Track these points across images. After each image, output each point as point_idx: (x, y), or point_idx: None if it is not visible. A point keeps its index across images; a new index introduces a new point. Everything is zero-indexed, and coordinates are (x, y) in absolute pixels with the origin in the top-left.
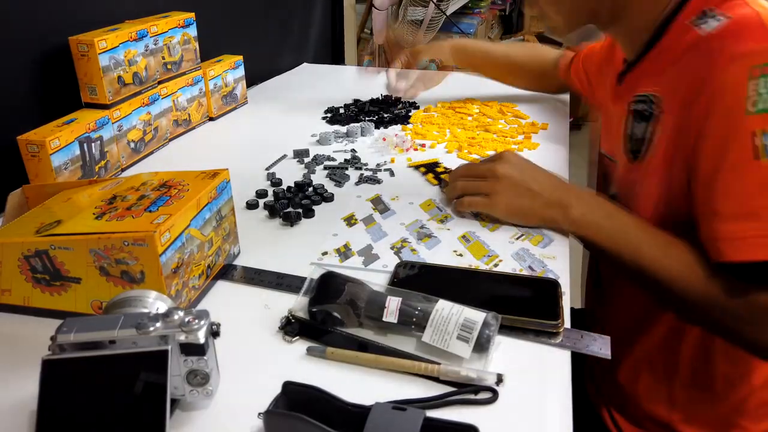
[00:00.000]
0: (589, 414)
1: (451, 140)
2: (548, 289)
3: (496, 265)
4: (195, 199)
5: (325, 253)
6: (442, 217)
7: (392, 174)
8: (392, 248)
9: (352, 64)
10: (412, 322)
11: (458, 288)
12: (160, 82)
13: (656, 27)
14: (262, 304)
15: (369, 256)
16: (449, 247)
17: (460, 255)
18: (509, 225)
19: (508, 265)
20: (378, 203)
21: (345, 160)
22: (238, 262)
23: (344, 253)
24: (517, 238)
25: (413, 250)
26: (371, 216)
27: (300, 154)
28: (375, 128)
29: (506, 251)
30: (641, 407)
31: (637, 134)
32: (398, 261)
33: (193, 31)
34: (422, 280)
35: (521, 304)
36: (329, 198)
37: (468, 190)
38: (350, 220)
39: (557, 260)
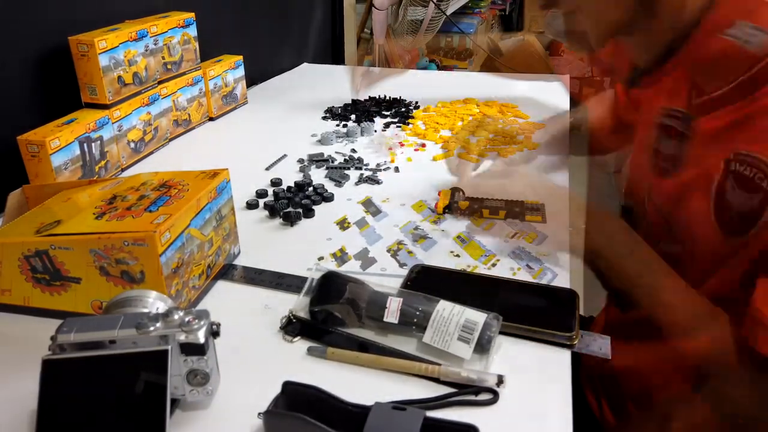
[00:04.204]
0: (588, 414)
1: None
2: (566, 300)
3: (494, 265)
4: (195, 199)
5: (321, 258)
6: (435, 218)
7: (397, 170)
8: (388, 251)
9: (352, 64)
10: (413, 323)
11: (474, 294)
12: (160, 82)
13: (680, 35)
14: (262, 304)
15: (366, 259)
16: (445, 247)
17: (457, 256)
18: (504, 224)
19: (506, 265)
20: (369, 206)
21: (345, 159)
22: (238, 262)
23: (340, 257)
24: (512, 237)
25: (410, 252)
26: (363, 219)
27: (314, 159)
28: (374, 128)
29: (503, 250)
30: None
31: (737, 205)
32: (398, 263)
33: (193, 31)
34: (437, 285)
35: (538, 313)
36: (329, 198)
37: None
38: (343, 224)
39: (555, 257)
